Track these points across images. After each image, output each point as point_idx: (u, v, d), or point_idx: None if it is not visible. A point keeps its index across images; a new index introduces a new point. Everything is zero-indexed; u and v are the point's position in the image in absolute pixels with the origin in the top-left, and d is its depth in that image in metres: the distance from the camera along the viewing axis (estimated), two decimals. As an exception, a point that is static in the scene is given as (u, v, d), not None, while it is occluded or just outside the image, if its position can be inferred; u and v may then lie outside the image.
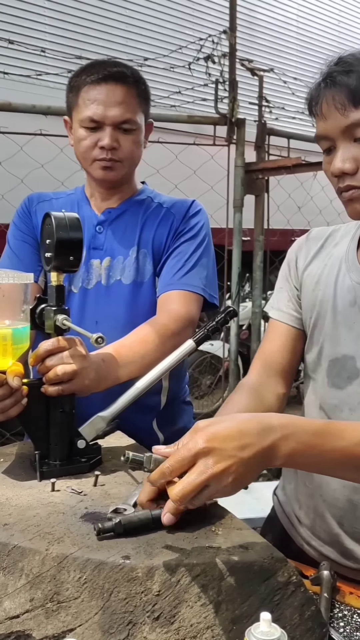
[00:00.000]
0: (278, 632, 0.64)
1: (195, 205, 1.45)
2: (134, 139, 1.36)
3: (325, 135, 0.98)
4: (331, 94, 0.94)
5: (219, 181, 3.32)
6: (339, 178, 0.97)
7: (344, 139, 0.95)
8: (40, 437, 1.02)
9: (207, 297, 1.38)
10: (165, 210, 1.43)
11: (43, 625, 0.71)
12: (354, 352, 1.04)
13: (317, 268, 1.14)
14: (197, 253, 1.39)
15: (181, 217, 1.41)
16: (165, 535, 0.79)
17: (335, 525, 1.08)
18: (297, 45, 6.22)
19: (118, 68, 1.35)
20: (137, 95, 1.35)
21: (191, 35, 4.16)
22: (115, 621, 0.70)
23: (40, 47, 3.76)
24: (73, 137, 1.39)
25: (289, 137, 3.67)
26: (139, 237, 1.40)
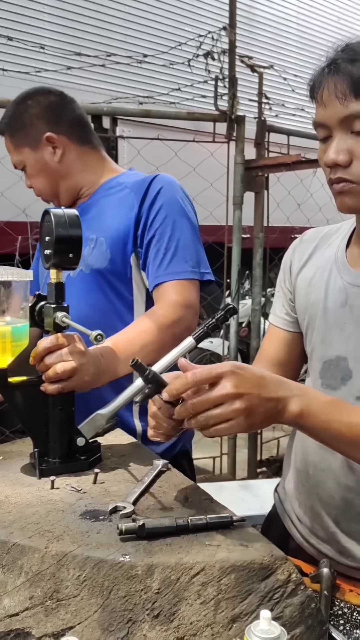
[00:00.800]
0: (278, 630, 0.64)
1: (157, 182, 1.41)
2: (29, 174, 1.48)
3: (322, 122, 0.95)
4: (333, 81, 0.91)
5: (219, 178, 3.31)
6: (332, 169, 0.95)
7: (340, 129, 0.93)
8: (40, 435, 1.01)
9: (199, 277, 1.36)
10: (127, 192, 1.42)
11: (42, 623, 0.71)
12: (345, 353, 1.04)
13: (310, 271, 1.15)
14: (175, 235, 1.36)
15: (140, 198, 1.38)
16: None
17: (331, 524, 1.08)
18: (297, 41, 6.21)
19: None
20: (10, 136, 1.47)
21: (191, 32, 4.14)
22: (114, 619, 0.70)
23: (39, 43, 3.75)
24: None
25: (289, 134, 3.66)
26: (99, 224, 1.40)
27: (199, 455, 3.61)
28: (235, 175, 3.32)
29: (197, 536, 0.78)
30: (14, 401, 1.01)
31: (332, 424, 0.82)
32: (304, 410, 0.81)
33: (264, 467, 3.83)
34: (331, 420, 0.82)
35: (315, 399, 0.83)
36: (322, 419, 0.82)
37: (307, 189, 4.01)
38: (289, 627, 0.73)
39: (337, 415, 0.82)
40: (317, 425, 0.82)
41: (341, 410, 0.83)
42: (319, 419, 0.82)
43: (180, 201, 1.41)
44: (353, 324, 1.03)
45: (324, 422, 0.82)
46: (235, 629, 0.72)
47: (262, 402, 0.78)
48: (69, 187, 1.48)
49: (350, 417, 0.83)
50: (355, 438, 0.82)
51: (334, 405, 0.84)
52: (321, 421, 0.82)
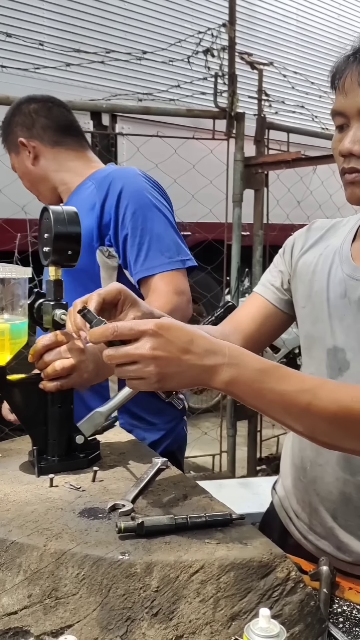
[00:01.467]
0: (277, 628, 0.64)
1: (117, 182, 1.42)
2: (20, 175, 1.63)
3: (341, 111, 0.94)
4: (358, 70, 0.90)
5: (218, 175, 3.31)
6: (345, 158, 0.94)
7: (359, 119, 0.92)
8: (39, 433, 1.01)
9: (181, 265, 1.38)
10: (91, 191, 1.47)
11: (41, 621, 0.71)
12: (344, 344, 1.04)
13: (313, 257, 1.14)
14: (146, 229, 1.37)
15: (102, 199, 1.42)
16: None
17: (329, 519, 1.08)
18: (297, 38, 6.19)
19: None
20: (3, 144, 1.62)
21: (190, 29, 4.13)
22: (113, 617, 0.70)
23: (38, 40, 3.73)
24: None
25: (289, 131, 3.65)
26: None
27: (199, 453, 3.61)
28: (235, 172, 3.31)
29: (196, 534, 0.78)
30: (12, 399, 1.00)
31: (265, 393, 0.78)
32: (234, 379, 0.77)
33: (264, 464, 3.83)
34: (264, 390, 0.78)
35: (248, 366, 0.78)
36: (254, 387, 0.78)
37: (307, 187, 4.00)
38: (288, 625, 0.73)
39: (271, 383, 0.78)
40: (248, 393, 0.78)
41: (277, 378, 0.79)
42: (250, 387, 0.78)
43: (145, 194, 1.42)
44: (352, 315, 1.03)
45: (256, 392, 0.78)
46: (234, 627, 0.71)
47: (183, 368, 0.76)
48: (47, 187, 1.59)
49: (285, 385, 0.79)
50: (288, 406, 0.79)
51: (268, 372, 0.79)
52: (253, 390, 0.78)
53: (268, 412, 0.81)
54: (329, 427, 0.81)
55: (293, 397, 0.79)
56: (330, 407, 0.79)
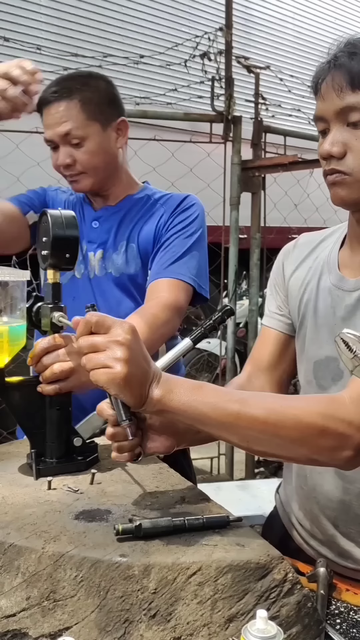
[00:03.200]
0: (274, 629, 0.64)
1: (189, 199, 1.48)
2: (85, 150, 1.41)
3: (321, 116, 0.97)
4: (332, 75, 0.93)
5: (216, 179, 3.31)
6: (326, 160, 0.96)
7: (337, 122, 0.94)
8: (37, 435, 1.01)
9: (196, 287, 1.40)
10: (158, 206, 1.47)
11: (39, 623, 0.71)
12: (336, 354, 1.04)
13: (303, 272, 1.15)
14: (187, 244, 1.42)
15: (171, 210, 1.44)
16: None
17: (330, 527, 1.08)
18: (293, 42, 6.21)
19: (62, 85, 1.40)
20: (80, 104, 1.39)
21: (187, 33, 4.14)
22: (111, 619, 0.70)
23: (36, 44, 3.74)
24: None
25: (286, 134, 3.67)
26: (130, 232, 1.46)
27: (197, 456, 3.61)
28: (232, 175, 3.32)
29: (193, 536, 0.79)
30: (11, 401, 1.01)
31: (195, 404, 0.79)
32: (167, 392, 0.78)
33: (262, 467, 3.83)
34: (195, 401, 0.79)
35: (179, 384, 0.80)
36: (186, 400, 0.79)
37: (304, 190, 4.01)
38: (285, 626, 0.73)
39: (201, 397, 0.79)
40: (180, 408, 0.79)
41: (205, 393, 0.80)
42: (182, 402, 0.79)
43: (204, 225, 1.47)
44: (340, 325, 1.04)
45: (187, 404, 0.79)
46: (231, 629, 0.72)
47: (140, 369, 0.77)
48: (111, 175, 1.47)
49: (213, 398, 0.80)
50: (219, 416, 0.79)
51: (198, 388, 0.80)
52: (184, 404, 0.78)
53: (203, 426, 0.81)
54: (261, 434, 0.80)
55: (223, 407, 0.79)
56: (260, 414, 0.80)
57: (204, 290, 1.43)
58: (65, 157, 1.41)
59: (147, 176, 1.67)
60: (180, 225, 1.43)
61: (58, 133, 1.39)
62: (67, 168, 1.42)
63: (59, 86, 1.41)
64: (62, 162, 1.41)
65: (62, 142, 1.40)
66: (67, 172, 1.43)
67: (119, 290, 1.44)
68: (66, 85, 1.41)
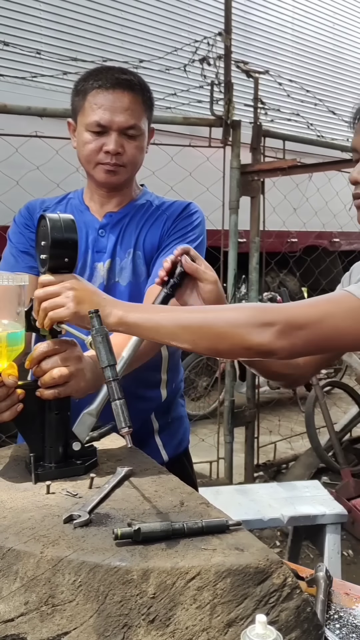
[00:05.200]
0: (273, 634, 0.64)
1: (191, 207, 1.47)
2: (137, 145, 1.39)
3: (354, 147, 1.09)
4: None
5: (215, 183, 3.32)
6: (356, 185, 1.08)
7: None
8: (35, 440, 1.01)
9: None
10: (160, 212, 1.46)
11: (38, 628, 0.71)
12: None
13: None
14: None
15: (173, 218, 1.44)
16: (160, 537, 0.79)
17: None
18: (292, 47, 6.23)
19: (126, 76, 1.38)
20: (142, 102, 1.39)
21: (186, 37, 4.16)
22: (110, 624, 0.70)
23: (35, 49, 3.75)
24: (77, 140, 1.42)
25: (285, 138, 3.68)
26: (136, 239, 1.43)
27: (196, 460, 3.60)
28: (231, 179, 3.33)
29: (192, 540, 0.78)
30: (9, 406, 1.00)
31: (150, 316, 0.97)
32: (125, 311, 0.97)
33: (261, 471, 3.83)
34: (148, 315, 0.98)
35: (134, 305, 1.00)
36: (139, 315, 0.97)
37: (303, 194, 4.03)
38: (284, 631, 0.73)
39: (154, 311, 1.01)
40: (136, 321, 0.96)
41: (157, 308, 1.03)
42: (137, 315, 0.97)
43: (204, 233, 1.46)
44: None
45: (142, 318, 0.96)
46: (231, 634, 0.71)
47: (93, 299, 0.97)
48: (134, 175, 1.46)
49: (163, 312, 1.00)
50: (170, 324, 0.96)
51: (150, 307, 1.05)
52: (139, 317, 0.96)
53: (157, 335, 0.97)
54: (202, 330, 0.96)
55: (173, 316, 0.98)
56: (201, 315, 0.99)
57: None
58: (118, 144, 1.36)
59: (146, 180, 1.67)
60: (182, 232, 1.42)
61: (120, 122, 1.35)
62: (115, 156, 1.37)
63: (126, 75, 1.38)
64: (115, 149, 1.35)
65: (118, 130, 1.36)
66: (113, 160, 1.37)
67: (127, 299, 1.40)
68: (129, 78, 1.38)
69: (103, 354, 0.91)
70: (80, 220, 1.43)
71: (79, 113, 1.40)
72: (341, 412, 4.51)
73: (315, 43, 6.47)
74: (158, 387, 1.46)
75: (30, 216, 1.47)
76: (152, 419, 1.46)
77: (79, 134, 1.40)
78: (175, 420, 1.52)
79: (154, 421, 1.46)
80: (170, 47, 3.95)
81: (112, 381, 0.90)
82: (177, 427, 1.53)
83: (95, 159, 1.38)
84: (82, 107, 1.38)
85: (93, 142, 1.37)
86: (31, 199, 1.55)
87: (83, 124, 1.38)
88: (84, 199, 1.49)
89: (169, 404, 1.50)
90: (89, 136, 1.37)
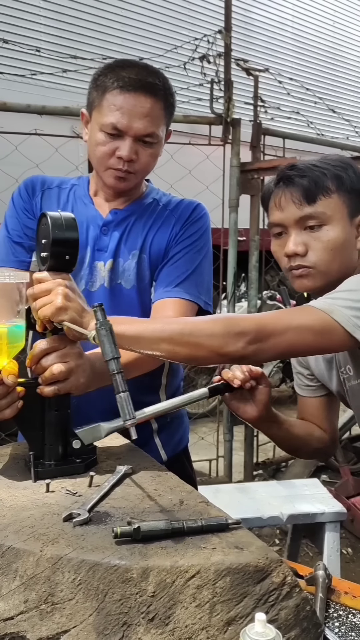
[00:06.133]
0: (273, 632, 0.64)
1: (199, 209, 1.42)
2: (152, 152, 1.33)
3: (280, 222, 1.21)
4: (289, 191, 1.18)
5: (215, 181, 3.32)
6: (290, 258, 1.19)
7: (296, 227, 1.18)
8: (35, 438, 1.01)
9: (202, 304, 1.36)
10: (168, 213, 1.40)
11: (37, 626, 0.71)
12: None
13: None
14: (196, 260, 1.36)
15: (182, 222, 1.38)
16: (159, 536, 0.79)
17: None
18: (292, 45, 6.22)
19: (151, 78, 1.29)
20: (164, 107, 1.31)
21: (186, 35, 4.14)
22: (110, 622, 0.70)
23: (35, 46, 3.75)
24: (89, 136, 1.35)
25: (285, 137, 3.67)
26: (142, 242, 1.37)
27: (195, 458, 3.59)
28: (231, 178, 3.33)
29: (192, 539, 0.78)
30: (9, 404, 1.00)
31: (130, 327, 1.03)
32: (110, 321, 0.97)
33: (260, 469, 3.83)
34: (129, 326, 1.03)
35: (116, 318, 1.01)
36: (121, 327, 1.00)
37: (303, 192, 4.01)
38: (284, 629, 0.73)
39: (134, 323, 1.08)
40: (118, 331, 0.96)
41: (136, 321, 1.12)
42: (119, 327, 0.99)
43: (210, 235, 1.43)
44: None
45: (123, 328, 1.00)
46: (230, 632, 0.72)
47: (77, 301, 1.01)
48: (137, 184, 1.39)
49: (143, 323, 1.09)
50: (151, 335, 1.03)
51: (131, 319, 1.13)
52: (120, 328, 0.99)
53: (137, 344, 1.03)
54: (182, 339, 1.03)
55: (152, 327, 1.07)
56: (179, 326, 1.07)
57: (209, 306, 1.38)
58: (132, 151, 1.29)
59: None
60: (190, 240, 1.37)
61: (137, 129, 1.27)
62: (128, 163, 1.30)
63: (150, 78, 1.29)
64: (129, 156, 1.28)
65: (134, 137, 1.28)
66: (125, 167, 1.30)
67: (129, 303, 1.36)
68: (153, 81, 1.29)
69: (107, 347, 0.91)
70: (83, 214, 1.38)
71: (94, 108, 1.31)
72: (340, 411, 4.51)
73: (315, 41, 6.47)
74: (157, 392, 1.43)
75: (29, 199, 1.40)
76: (150, 420, 1.45)
77: (92, 131, 1.32)
78: (175, 420, 1.50)
79: (153, 422, 1.44)
80: (170, 44, 3.94)
81: (116, 374, 0.90)
82: (177, 427, 1.51)
83: (106, 163, 1.31)
84: (99, 104, 1.29)
85: (106, 144, 1.29)
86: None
87: (98, 122, 1.29)
88: (89, 191, 1.42)
89: None
90: (103, 137, 1.29)
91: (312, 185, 1.17)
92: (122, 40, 4.56)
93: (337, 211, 1.18)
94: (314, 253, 1.17)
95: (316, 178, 1.17)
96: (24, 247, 1.36)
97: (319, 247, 1.17)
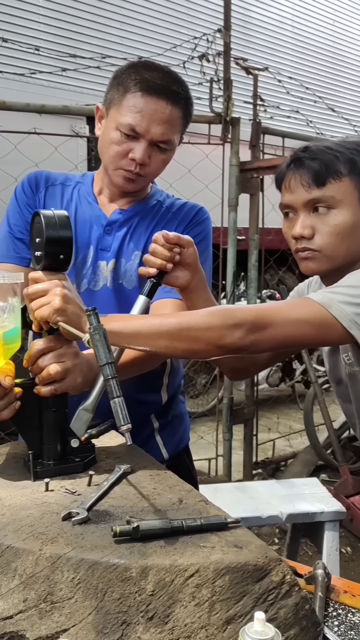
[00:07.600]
0: (272, 631, 0.64)
1: (202, 213, 1.42)
2: (164, 158, 1.33)
3: (289, 204, 1.21)
4: (299, 173, 1.17)
5: (214, 180, 3.32)
6: (297, 240, 1.19)
7: (304, 210, 1.18)
8: (34, 437, 1.01)
9: None
10: (171, 216, 1.40)
11: (37, 625, 0.71)
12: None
13: None
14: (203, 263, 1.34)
15: (184, 225, 1.38)
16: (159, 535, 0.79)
17: None
18: (292, 44, 6.22)
19: (174, 86, 1.29)
20: (182, 116, 1.32)
21: (186, 34, 4.14)
22: (109, 621, 0.70)
23: (34, 45, 3.74)
24: (102, 132, 1.34)
25: (284, 136, 3.67)
26: (145, 244, 1.36)
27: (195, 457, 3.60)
28: (231, 177, 3.33)
29: (191, 538, 0.78)
30: (8, 403, 1.00)
31: (128, 324, 1.03)
32: (105, 320, 0.97)
33: (260, 468, 3.83)
34: (126, 323, 1.04)
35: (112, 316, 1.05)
36: (118, 323, 1.02)
37: (302, 191, 4.01)
38: (283, 628, 0.73)
39: (131, 320, 1.07)
40: (116, 328, 0.99)
41: (133, 318, 1.10)
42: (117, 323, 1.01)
43: (211, 237, 1.44)
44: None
45: (120, 325, 1.01)
46: (229, 631, 0.72)
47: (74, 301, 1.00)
48: (144, 187, 1.39)
49: (140, 320, 1.08)
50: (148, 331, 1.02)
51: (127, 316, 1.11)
52: (118, 325, 1.01)
53: (135, 341, 1.03)
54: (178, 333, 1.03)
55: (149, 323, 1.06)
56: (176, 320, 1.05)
57: None
58: (146, 155, 1.29)
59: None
60: (196, 240, 1.32)
61: (155, 134, 1.27)
62: (140, 166, 1.29)
63: (174, 85, 1.29)
64: (142, 160, 1.28)
65: (150, 141, 1.28)
66: (137, 169, 1.30)
67: (131, 303, 1.31)
68: (177, 90, 1.30)
69: (101, 352, 0.91)
70: (87, 213, 1.38)
71: (113, 106, 1.30)
72: (340, 410, 4.51)
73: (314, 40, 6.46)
74: (159, 391, 1.43)
75: (32, 194, 1.39)
76: (151, 419, 1.44)
77: (107, 128, 1.31)
78: (176, 418, 1.50)
79: (154, 420, 1.44)
80: (169, 43, 3.94)
81: (110, 379, 0.89)
82: (178, 425, 1.52)
83: (118, 162, 1.31)
84: (119, 102, 1.29)
85: (121, 144, 1.28)
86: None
87: (115, 121, 1.28)
88: (94, 189, 1.42)
89: (169, 404, 1.48)
90: (118, 136, 1.28)
91: (323, 168, 1.15)
92: (122, 39, 4.56)
93: (347, 195, 1.16)
94: (320, 236, 1.17)
95: (327, 161, 1.15)
96: (25, 243, 1.35)
97: (326, 230, 1.16)
